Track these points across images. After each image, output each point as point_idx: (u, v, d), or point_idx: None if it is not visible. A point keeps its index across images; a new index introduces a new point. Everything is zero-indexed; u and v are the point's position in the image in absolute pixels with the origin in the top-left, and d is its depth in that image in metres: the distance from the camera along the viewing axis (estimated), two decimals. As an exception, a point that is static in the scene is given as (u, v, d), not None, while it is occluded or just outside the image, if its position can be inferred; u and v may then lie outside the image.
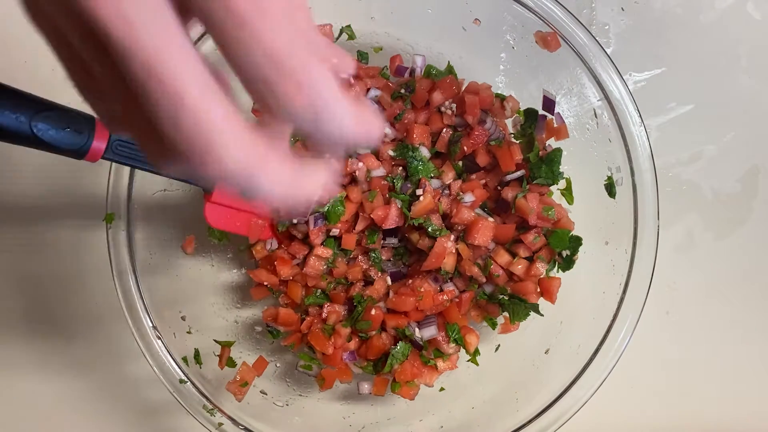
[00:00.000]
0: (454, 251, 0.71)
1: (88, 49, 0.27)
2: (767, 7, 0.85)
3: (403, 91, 0.73)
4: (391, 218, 0.71)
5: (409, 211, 0.71)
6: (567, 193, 0.75)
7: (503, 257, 0.73)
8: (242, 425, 0.70)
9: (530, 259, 0.73)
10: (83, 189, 0.83)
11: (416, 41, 0.76)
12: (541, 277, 0.72)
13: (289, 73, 0.26)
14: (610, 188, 0.72)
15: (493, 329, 0.76)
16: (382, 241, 0.75)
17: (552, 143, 0.74)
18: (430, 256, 0.70)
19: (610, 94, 0.70)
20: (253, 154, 0.27)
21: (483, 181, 0.75)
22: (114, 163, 0.69)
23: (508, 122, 0.76)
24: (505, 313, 0.74)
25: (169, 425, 0.82)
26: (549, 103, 0.73)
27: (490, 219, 0.73)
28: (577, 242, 0.73)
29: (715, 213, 0.86)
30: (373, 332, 0.73)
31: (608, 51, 0.71)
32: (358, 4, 0.74)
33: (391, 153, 0.73)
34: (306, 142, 0.30)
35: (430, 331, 0.72)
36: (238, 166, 0.27)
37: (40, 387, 0.83)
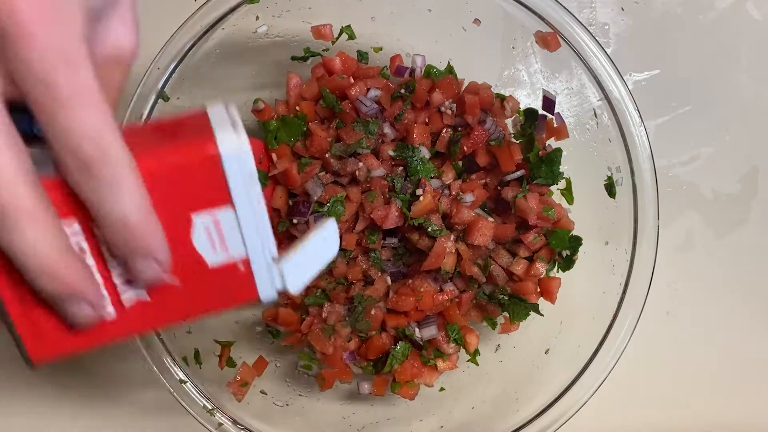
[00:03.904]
0: (454, 251, 0.71)
1: None
2: (767, 7, 0.85)
3: (403, 91, 0.73)
4: (391, 218, 0.71)
5: (409, 211, 0.71)
6: (567, 193, 0.75)
7: (503, 257, 0.73)
8: (242, 425, 0.70)
9: (530, 259, 0.73)
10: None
11: (416, 41, 0.76)
12: (541, 277, 0.72)
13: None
14: (610, 188, 0.72)
15: (493, 329, 0.76)
16: (382, 241, 0.75)
17: (552, 143, 0.74)
18: (430, 256, 0.70)
19: (610, 94, 0.70)
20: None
21: (483, 181, 0.75)
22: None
23: (508, 122, 0.76)
24: (505, 313, 0.74)
25: (169, 425, 0.82)
26: (549, 103, 0.73)
27: (490, 219, 0.73)
28: (577, 242, 0.73)
29: (715, 213, 0.86)
30: (373, 332, 0.73)
31: (608, 51, 0.71)
32: (358, 4, 0.74)
33: (391, 153, 0.73)
34: None
35: (430, 331, 0.72)
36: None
37: (38, 387, 0.83)
